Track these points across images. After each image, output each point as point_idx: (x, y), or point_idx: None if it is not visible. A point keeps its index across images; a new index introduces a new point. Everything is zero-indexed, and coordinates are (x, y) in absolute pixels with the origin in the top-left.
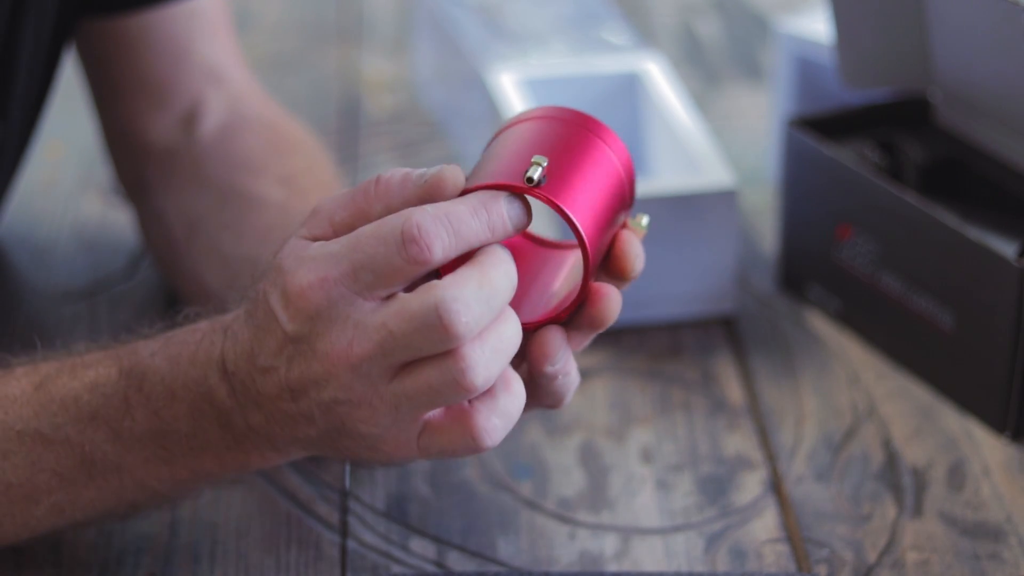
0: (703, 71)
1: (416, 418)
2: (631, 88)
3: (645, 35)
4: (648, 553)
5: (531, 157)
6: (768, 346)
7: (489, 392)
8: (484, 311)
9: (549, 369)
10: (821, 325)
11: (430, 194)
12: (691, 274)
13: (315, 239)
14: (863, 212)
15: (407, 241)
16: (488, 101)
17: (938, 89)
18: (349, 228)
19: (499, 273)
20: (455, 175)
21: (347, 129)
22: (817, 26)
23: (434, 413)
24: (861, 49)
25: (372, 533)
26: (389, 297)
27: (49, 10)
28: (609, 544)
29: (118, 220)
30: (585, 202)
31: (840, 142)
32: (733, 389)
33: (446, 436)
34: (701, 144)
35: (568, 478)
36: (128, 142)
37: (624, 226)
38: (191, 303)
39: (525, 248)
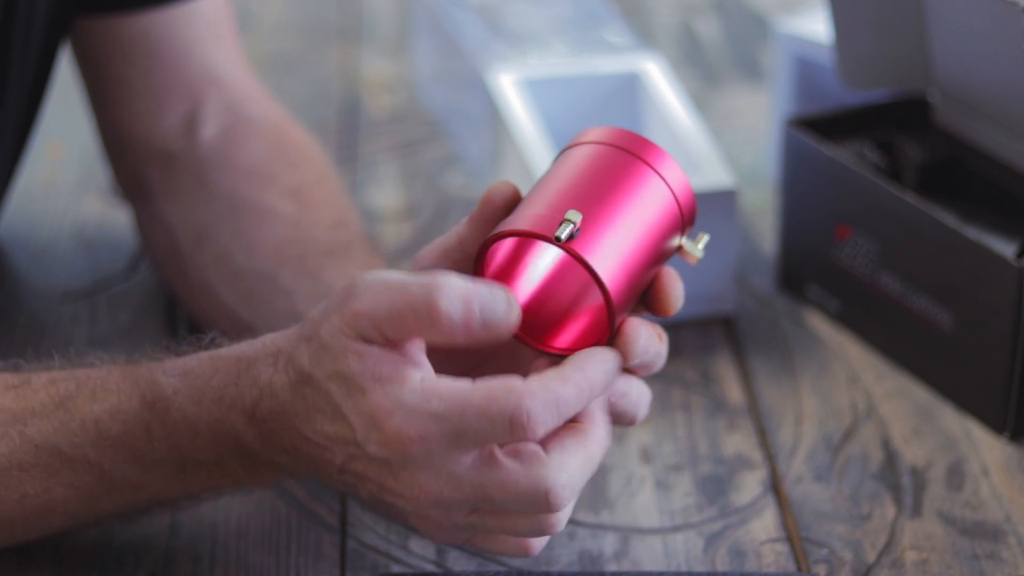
0: (703, 71)
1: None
2: (631, 88)
3: (645, 35)
4: (648, 553)
5: (574, 196)
6: (767, 346)
7: None
8: (583, 483)
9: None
10: (820, 325)
11: (493, 336)
12: (690, 274)
13: (366, 341)
14: (862, 212)
15: (514, 426)
16: (488, 101)
17: (937, 90)
18: (402, 341)
19: (600, 450)
20: (513, 316)
21: (347, 129)
22: (816, 26)
23: None
24: (860, 50)
25: (372, 533)
26: (485, 450)
27: (42, 3)
28: (609, 544)
29: (118, 220)
30: (617, 249)
31: (839, 142)
32: (732, 389)
33: (500, 545)
34: (701, 144)
35: None
36: (127, 144)
37: (680, 249)
38: (196, 309)
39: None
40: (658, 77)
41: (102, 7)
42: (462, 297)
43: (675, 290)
